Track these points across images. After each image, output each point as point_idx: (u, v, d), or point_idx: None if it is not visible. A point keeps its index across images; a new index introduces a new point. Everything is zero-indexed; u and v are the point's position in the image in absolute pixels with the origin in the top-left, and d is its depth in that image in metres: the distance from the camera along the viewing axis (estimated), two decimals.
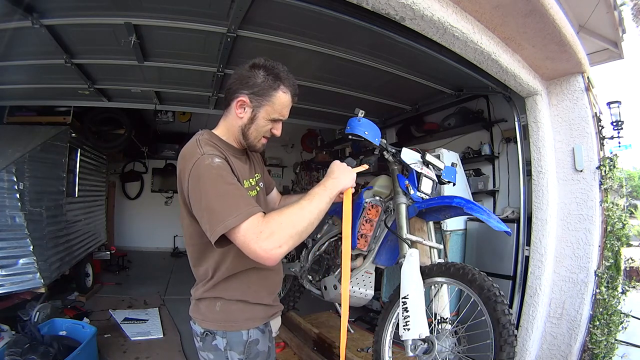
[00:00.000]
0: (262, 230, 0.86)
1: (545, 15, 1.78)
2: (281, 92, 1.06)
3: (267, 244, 0.85)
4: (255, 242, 0.85)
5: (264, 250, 0.85)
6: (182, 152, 1.01)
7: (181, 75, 2.93)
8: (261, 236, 0.85)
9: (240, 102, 1.05)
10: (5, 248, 2.70)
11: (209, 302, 1.07)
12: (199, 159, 0.94)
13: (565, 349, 2.22)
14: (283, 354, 2.38)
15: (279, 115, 1.08)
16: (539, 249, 2.33)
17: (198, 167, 0.93)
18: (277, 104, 1.06)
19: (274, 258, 0.87)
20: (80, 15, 2.02)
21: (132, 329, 3.19)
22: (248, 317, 1.08)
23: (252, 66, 1.06)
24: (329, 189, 1.04)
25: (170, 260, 6.22)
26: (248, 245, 0.86)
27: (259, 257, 0.86)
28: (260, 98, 1.04)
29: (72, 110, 3.87)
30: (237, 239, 0.87)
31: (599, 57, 3.63)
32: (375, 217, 1.77)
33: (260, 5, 1.87)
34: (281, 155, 7.50)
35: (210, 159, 0.94)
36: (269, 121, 1.08)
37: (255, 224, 0.87)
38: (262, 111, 1.06)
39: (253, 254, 0.87)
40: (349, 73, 2.76)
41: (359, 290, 1.85)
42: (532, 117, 2.45)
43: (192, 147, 1.00)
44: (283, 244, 0.87)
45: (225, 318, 1.05)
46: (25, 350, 2.21)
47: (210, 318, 1.06)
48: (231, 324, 1.05)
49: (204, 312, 1.08)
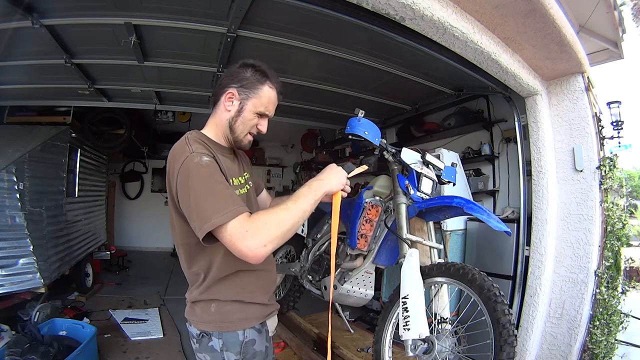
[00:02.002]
0: (248, 230, 0.88)
1: (545, 15, 1.78)
2: (267, 87, 1.10)
3: (253, 243, 0.87)
4: (241, 241, 0.87)
5: (249, 249, 0.87)
6: (172, 151, 1.03)
7: (181, 75, 2.93)
8: (247, 235, 0.87)
9: (230, 94, 1.08)
10: (5, 248, 2.70)
11: (203, 304, 1.07)
12: (188, 157, 0.95)
13: (565, 349, 2.22)
14: (283, 354, 2.38)
15: (264, 109, 1.12)
16: (539, 249, 2.33)
17: (187, 165, 0.94)
18: (264, 98, 1.10)
19: (259, 256, 0.89)
20: (80, 15, 2.02)
21: (132, 329, 3.19)
22: (243, 317, 1.08)
23: (241, 65, 1.12)
24: (314, 190, 1.05)
25: (170, 260, 6.21)
26: (234, 243, 0.88)
27: (245, 255, 0.88)
28: (248, 91, 1.08)
29: (72, 110, 3.87)
30: (224, 237, 0.89)
31: (599, 57, 3.63)
32: (375, 217, 1.77)
33: (260, 5, 1.87)
34: (281, 155, 7.50)
35: (199, 157, 0.96)
36: (255, 115, 1.11)
37: (242, 222, 0.89)
38: (249, 103, 1.09)
39: (239, 252, 0.89)
40: (349, 73, 2.76)
41: (359, 290, 1.85)
42: (532, 117, 2.45)
43: (181, 146, 1.01)
44: (268, 243, 0.89)
45: (220, 319, 1.05)
46: (25, 350, 2.21)
47: (205, 319, 1.06)
48: (227, 325, 1.05)
49: (199, 314, 1.08)
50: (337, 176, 1.14)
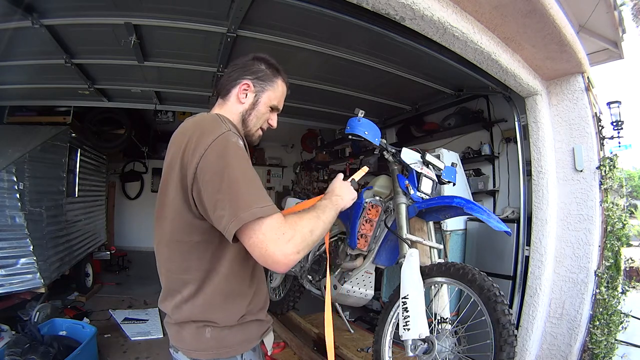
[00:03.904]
0: (285, 232, 0.78)
1: (545, 15, 1.78)
2: (281, 81, 1.09)
3: (288, 248, 0.77)
4: (275, 244, 0.76)
5: (283, 254, 0.77)
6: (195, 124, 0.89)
7: (181, 75, 2.93)
8: (283, 238, 0.77)
9: (245, 85, 1.03)
10: (5, 248, 2.70)
11: (195, 328, 0.91)
12: (225, 134, 0.82)
13: (565, 349, 2.22)
14: (283, 354, 2.38)
15: (277, 102, 1.10)
16: (539, 249, 2.33)
17: (223, 142, 0.81)
18: (278, 91, 1.09)
19: (290, 264, 0.79)
20: (80, 15, 2.02)
21: (132, 329, 3.19)
22: (243, 340, 0.95)
23: (253, 57, 1.08)
24: (335, 204, 1.04)
25: None
26: (266, 245, 0.76)
27: (276, 261, 0.77)
28: (264, 83, 1.05)
29: (72, 110, 3.88)
30: (253, 235, 0.77)
31: (599, 57, 3.63)
32: (375, 217, 1.77)
33: (260, 5, 1.87)
34: (281, 155, 7.50)
35: (237, 138, 0.85)
36: (268, 108, 1.08)
37: (280, 223, 0.79)
38: (265, 96, 1.05)
39: (270, 256, 0.77)
40: (349, 73, 2.76)
41: (359, 290, 1.85)
42: (532, 117, 2.45)
43: (212, 120, 0.89)
44: (301, 250, 0.80)
45: (217, 345, 0.91)
46: (25, 350, 2.21)
47: (198, 347, 0.91)
48: (226, 351, 0.92)
49: (188, 341, 0.92)
50: (350, 193, 1.15)
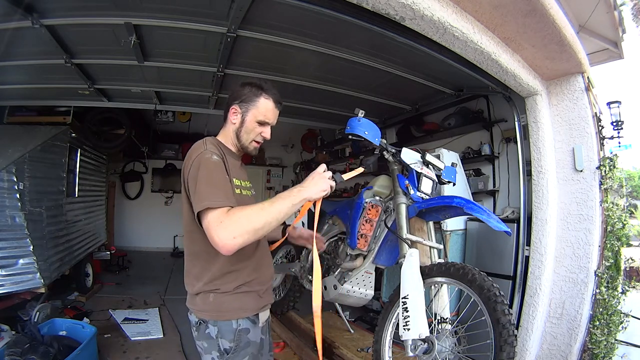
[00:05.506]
0: (223, 221, 0.99)
1: (545, 15, 1.78)
2: (263, 98, 1.27)
3: (223, 234, 0.98)
4: (215, 230, 0.99)
5: (219, 239, 0.98)
6: (190, 149, 1.20)
7: (181, 75, 2.93)
8: (221, 226, 0.98)
9: (233, 110, 1.28)
10: (5, 248, 2.70)
11: (203, 294, 1.18)
12: (202, 152, 1.13)
13: (565, 349, 2.22)
14: (283, 354, 2.38)
15: (263, 117, 1.27)
16: (539, 249, 2.33)
17: (199, 158, 1.12)
18: (261, 108, 1.27)
19: (228, 248, 0.98)
20: (80, 15, 2.02)
21: (132, 329, 3.19)
22: (238, 307, 1.18)
23: (240, 85, 1.30)
24: (293, 195, 1.12)
25: (170, 260, 6.21)
26: (208, 230, 1.00)
27: (215, 244, 0.99)
28: (247, 104, 1.27)
29: (72, 110, 3.87)
30: (203, 222, 1.03)
31: (599, 57, 3.63)
32: (375, 217, 1.77)
33: (260, 5, 1.87)
34: (281, 155, 7.51)
35: (211, 154, 1.13)
36: (256, 123, 1.27)
37: (220, 214, 1.01)
38: (249, 114, 1.27)
39: (211, 239, 1.00)
40: (349, 73, 2.76)
41: (359, 290, 1.85)
42: (532, 117, 2.45)
43: (198, 145, 1.20)
44: (238, 237, 0.98)
45: (217, 308, 1.16)
46: (25, 350, 2.21)
47: (203, 308, 1.18)
48: (222, 314, 1.16)
49: (198, 303, 1.19)
50: (318, 185, 1.17)
